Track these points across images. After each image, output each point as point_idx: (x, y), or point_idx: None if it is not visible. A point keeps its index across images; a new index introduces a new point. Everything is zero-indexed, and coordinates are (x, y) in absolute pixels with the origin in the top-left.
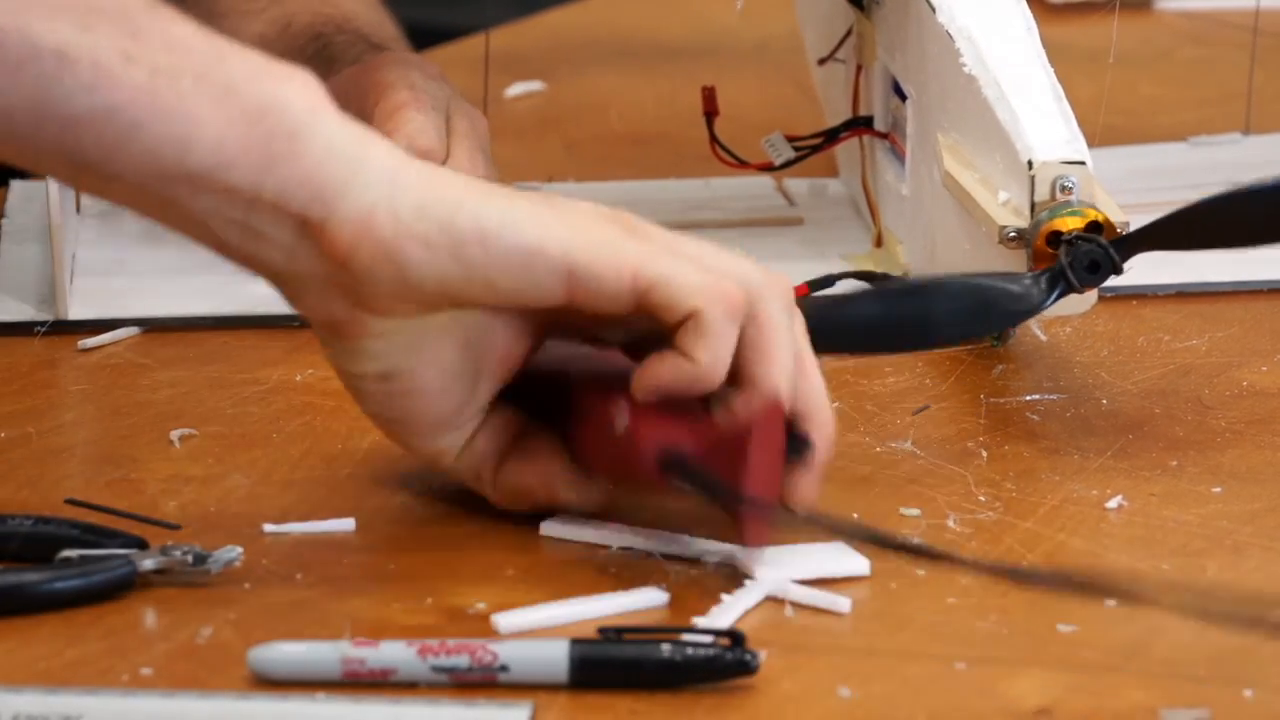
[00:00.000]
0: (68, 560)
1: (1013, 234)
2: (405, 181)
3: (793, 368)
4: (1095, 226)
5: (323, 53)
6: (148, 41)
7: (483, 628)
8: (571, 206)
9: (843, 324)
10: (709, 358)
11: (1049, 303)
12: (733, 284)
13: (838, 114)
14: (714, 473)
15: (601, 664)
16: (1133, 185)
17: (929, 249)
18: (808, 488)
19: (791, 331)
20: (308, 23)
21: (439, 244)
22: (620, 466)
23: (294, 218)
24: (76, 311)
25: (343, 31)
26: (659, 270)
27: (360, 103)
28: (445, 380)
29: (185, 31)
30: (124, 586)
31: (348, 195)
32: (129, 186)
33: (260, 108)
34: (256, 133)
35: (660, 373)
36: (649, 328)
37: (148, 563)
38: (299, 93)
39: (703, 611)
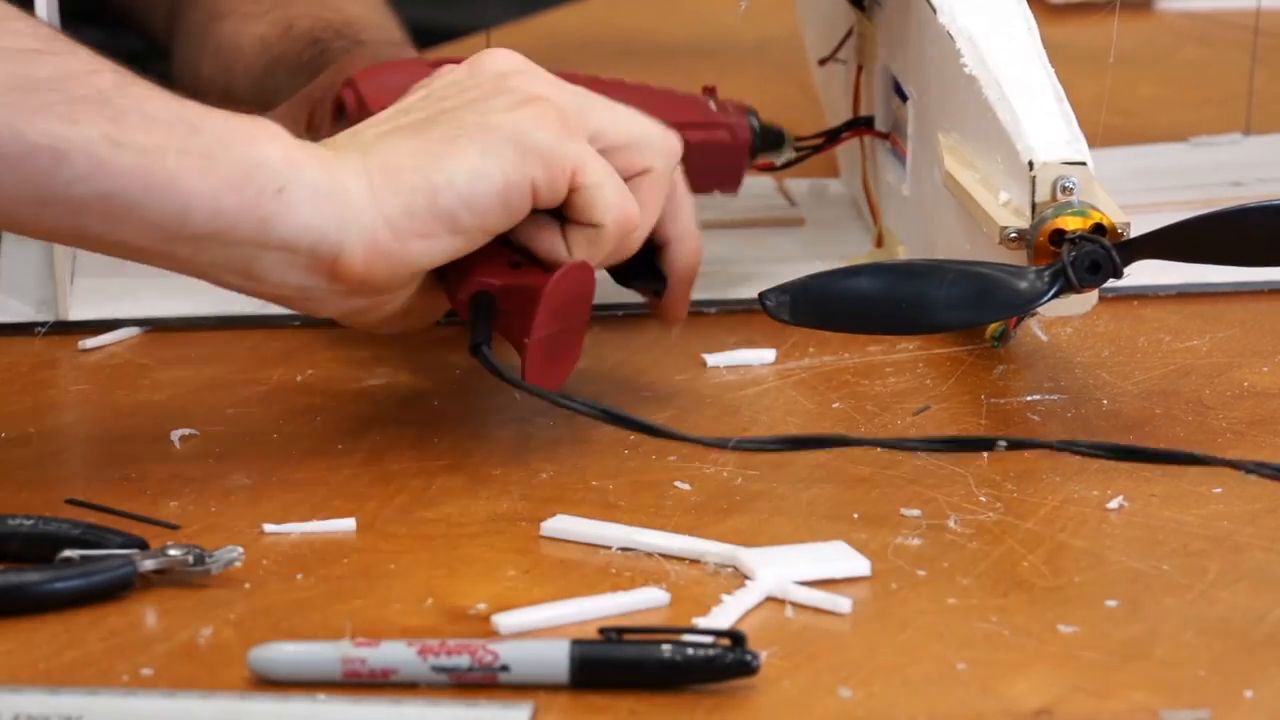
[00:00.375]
0: (68, 560)
1: (1013, 234)
2: (382, 189)
3: (689, 215)
4: (1099, 229)
5: (319, 59)
6: (129, 124)
7: (483, 628)
8: (509, 109)
9: (841, 297)
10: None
11: (1048, 297)
12: (634, 210)
13: (838, 114)
14: (508, 314)
15: (602, 664)
16: (1133, 186)
17: (930, 249)
18: (672, 311)
19: (671, 177)
20: (308, 28)
21: (435, 229)
22: (450, 292)
23: (302, 261)
24: (77, 312)
25: (341, 37)
26: (590, 180)
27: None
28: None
29: (158, 106)
30: (124, 586)
31: (346, 229)
32: (133, 251)
33: (244, 171)
34: (247, 194)
35: (539, 243)
36: None
37: (148, 563)
38: (271, 147)
39: (703, 612)
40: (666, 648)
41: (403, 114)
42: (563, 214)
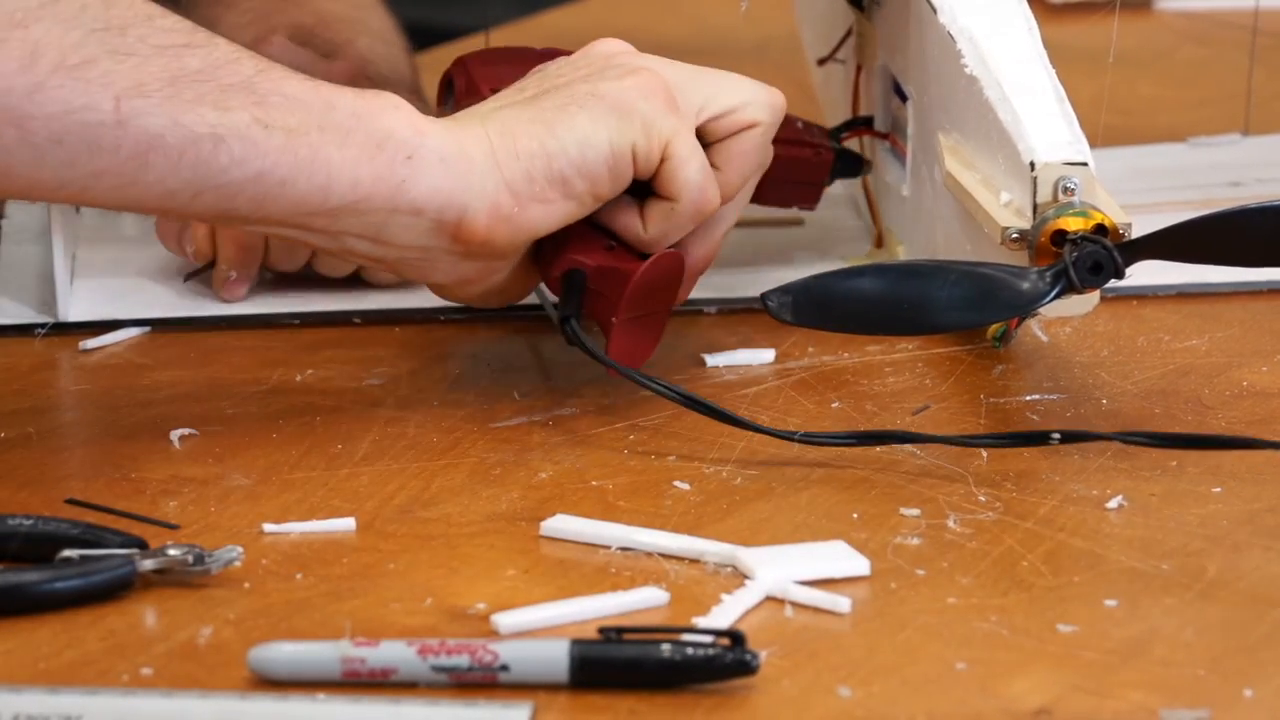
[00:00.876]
0: (68, 560)
1: (1015, 235)
2: (504, 155)
3: (751, 176)
4: (1101, 229)
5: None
6: (272, 105)
7: (483, 628)
8: (616, 79)
9: (844, 298)
10: (657, 237)
11: (1050, 298)
12: (714, 195)
13: (838, 114)
14: (597, 294)
15: (602, 664)
16: (1133, 185)
17: (930, 250)
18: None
19: (761, 152)
20: (287, 37)
21: (552, 195)
22: (544, 268)
23: (428, 224)
24: (76, 312)
25: (316, 37)
26: (679, 153)
27: None
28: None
29: (295, 87)
30: (124, 586)
31: (471, 192)
32: (273, 225)
33: (376, 142)
34: (379, 164)
35: (616, 219)
36: None
37: (148, 563)
38: (398, 117)
39: (703, 611)
40: (666, 647)
41: (518, 91)
42: (644, 190)
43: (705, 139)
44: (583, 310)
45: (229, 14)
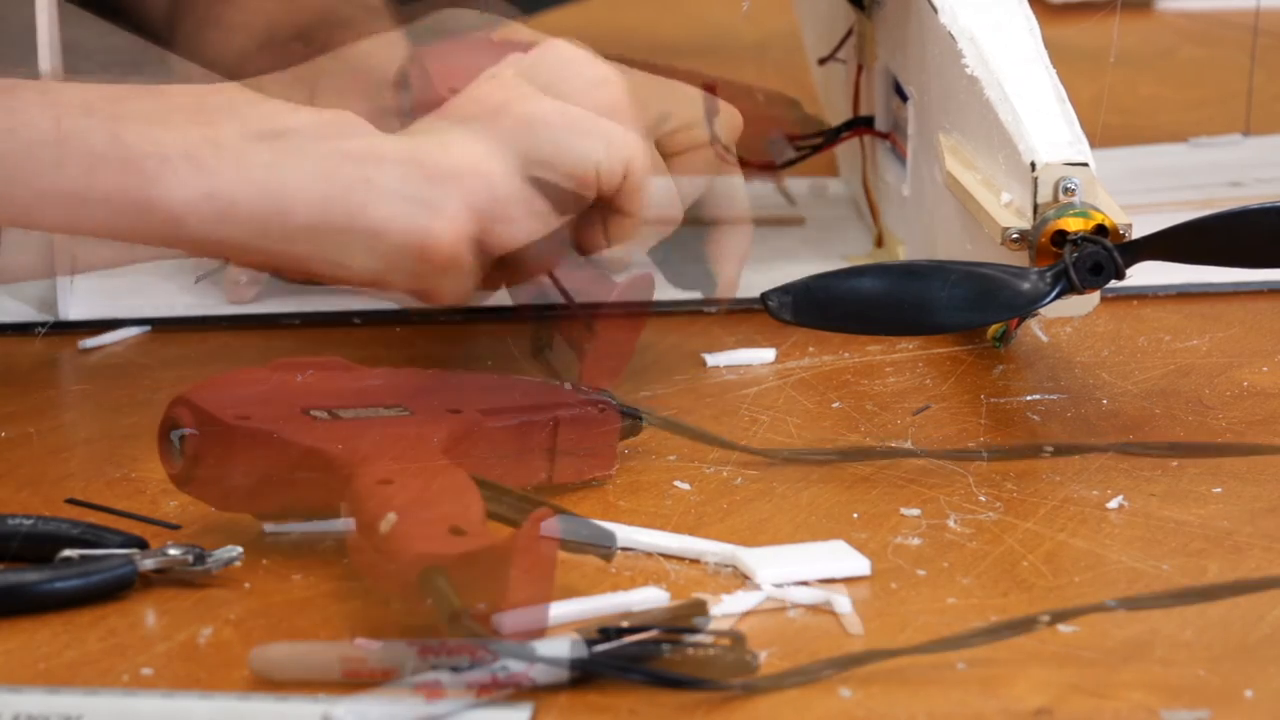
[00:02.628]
0: (68, 560)
1: (1015, 235)
2: (464, 175)
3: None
4: (1101, 230)
5: (308, 55)
6: (223, 125)
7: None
8: (577, 96)
9: (844, 298)
10: (619, 251)
11: (1050, 298)
12: (675, 212)
13: (838, 114)
14: (569, 320)
15: (602, 664)
16: (1133, 186)
17: (930, 250)
18: None
19: (729, 150)
20: (288, 36)
21: (513, 213)
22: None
23: (389, 246)
24: (76, 312)
25: (318, 33)
26: (640, 171)
27: None
28: None
29: (248, 107)
30: (124, 586)
31: (432, 212)
32: (229, 248)
33: (333, 164)
34: (338, 185)
35: (579, 232)
36: None
37: (148, 563)
38: (353, 139)
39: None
40: (666, 647)
41: (474, 103)
42: (606, 203)
43: (660, 151)
44: (559, 333)
45: (228, 11)
